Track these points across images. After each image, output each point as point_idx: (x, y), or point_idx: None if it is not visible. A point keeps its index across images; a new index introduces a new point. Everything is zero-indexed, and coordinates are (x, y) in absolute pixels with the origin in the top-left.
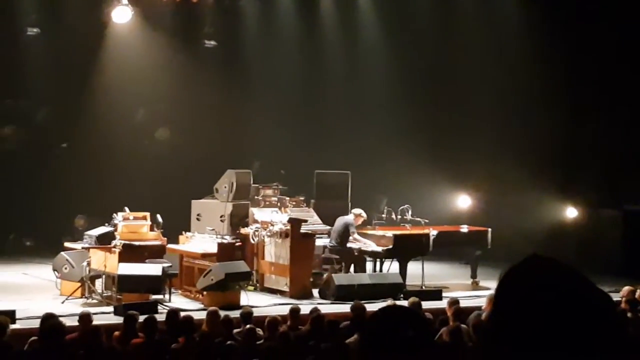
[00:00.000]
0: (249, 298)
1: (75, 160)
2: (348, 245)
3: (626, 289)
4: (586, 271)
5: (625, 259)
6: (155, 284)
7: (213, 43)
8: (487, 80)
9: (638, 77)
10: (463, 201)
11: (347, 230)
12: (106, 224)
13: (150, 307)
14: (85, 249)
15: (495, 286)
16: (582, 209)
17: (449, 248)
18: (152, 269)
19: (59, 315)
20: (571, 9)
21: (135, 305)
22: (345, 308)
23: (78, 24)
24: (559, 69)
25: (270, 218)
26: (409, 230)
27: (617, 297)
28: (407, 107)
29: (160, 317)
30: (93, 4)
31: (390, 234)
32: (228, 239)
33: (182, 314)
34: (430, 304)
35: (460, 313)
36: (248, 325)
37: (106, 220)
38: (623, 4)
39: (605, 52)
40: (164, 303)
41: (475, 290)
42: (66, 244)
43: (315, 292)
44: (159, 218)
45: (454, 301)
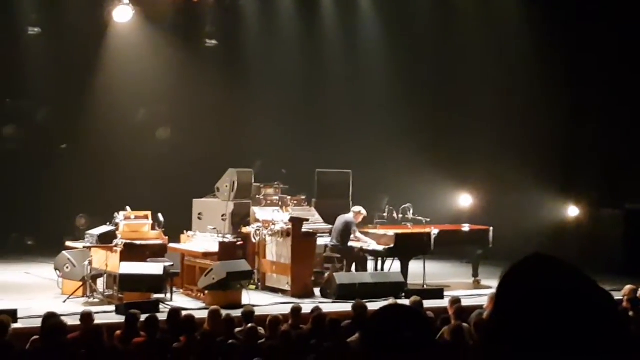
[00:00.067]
0: (250, 297)
1: (77, 160)
2: (349, 244)
3: (627, 287)
4: (587, 270)
5: (627, 257)
6: (156, 283)
7: (214, 42)
8: (487, 80)
9: (638, 77)
10: (464, 200)
11: (348, 229)
12: (108, 223)
13: (152, 306)
14: (86, 248)
15: (496, 285)
16: (583, 208)
17: (451, 247)
18: (154, 268)
19: (61, 315)
20: (571, 8)
21: (137, 305)
22: (346, 307)
23: (79, 23)
24: (559, 69)
25: (271, 217)
26: (411, 229)
27: (619, 296)
28: (408, 107)
29: (161, 316)
30: (94, 3)
31: (391, 232)
32: (229, 238)
33: (184, 313)
34: (432, 303)
35: (462, 312)
36: (249, 325)
37: (108, 219)
38: (623, 4)
39: (605, 52)
40: (165, 302)
41: (477, 289)
42: (68, 243)
43: (316, 291)
44: (161, 217)
45: (456, 300)
